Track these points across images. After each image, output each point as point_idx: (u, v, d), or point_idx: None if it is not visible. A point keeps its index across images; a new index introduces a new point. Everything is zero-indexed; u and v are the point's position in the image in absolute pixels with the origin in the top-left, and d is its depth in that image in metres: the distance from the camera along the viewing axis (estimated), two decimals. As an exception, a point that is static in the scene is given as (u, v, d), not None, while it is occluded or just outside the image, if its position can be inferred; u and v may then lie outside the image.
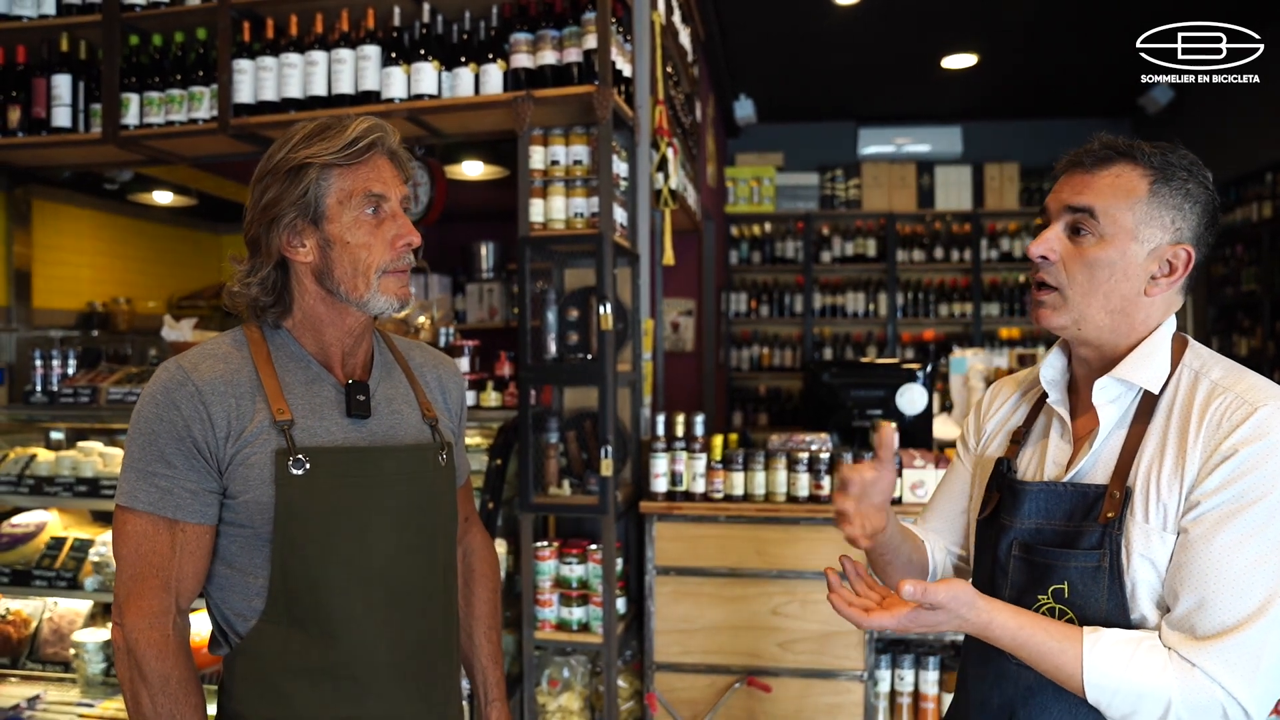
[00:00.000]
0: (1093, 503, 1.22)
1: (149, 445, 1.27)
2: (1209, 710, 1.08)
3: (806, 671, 2.86)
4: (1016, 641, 1.16)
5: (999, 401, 1.50)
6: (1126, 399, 1.26)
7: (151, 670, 1.24)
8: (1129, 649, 1.12)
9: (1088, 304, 1.25)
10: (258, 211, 1.34)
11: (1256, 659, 1.07)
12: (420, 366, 1.54)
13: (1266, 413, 1.13)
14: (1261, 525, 1.10)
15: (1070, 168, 1.29)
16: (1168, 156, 1.25)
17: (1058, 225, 1.27)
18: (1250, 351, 5.89)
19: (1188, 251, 1.24)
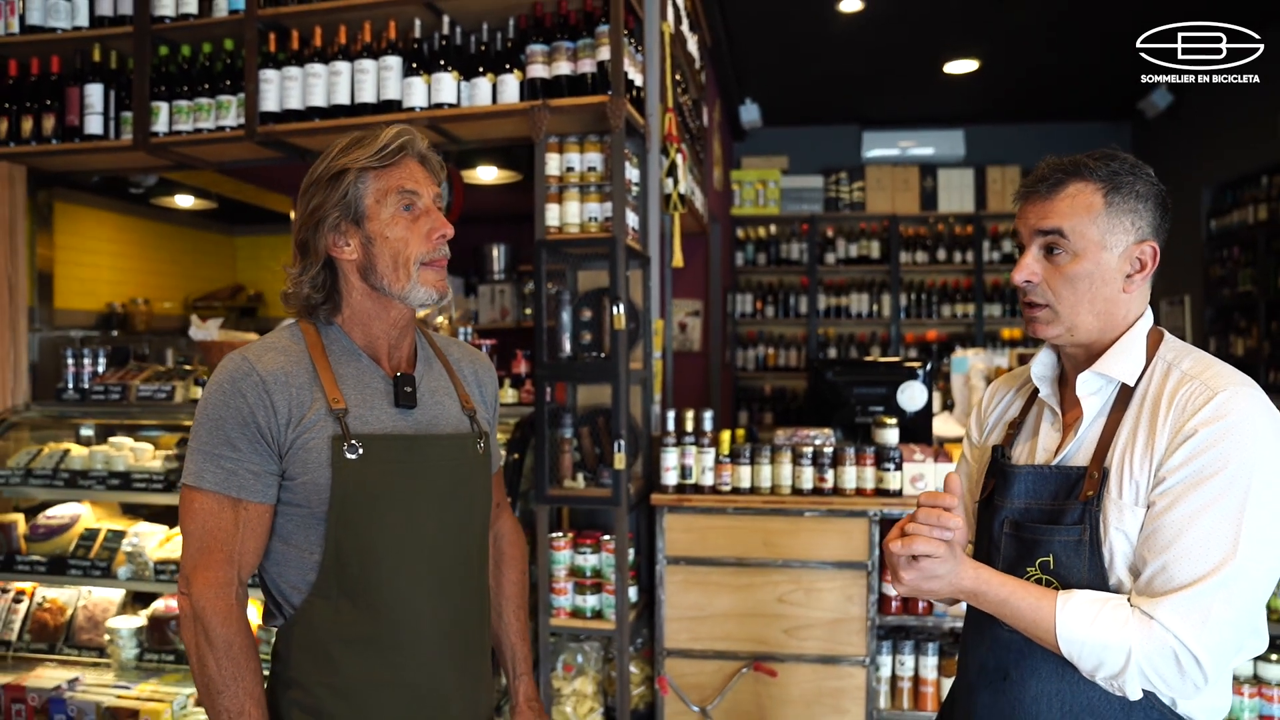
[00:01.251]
0: (1074, 483, 1.35)
1: (216, 430, 1.39)
2: (1164, 657, 1.20)
3: (811, 657, 2.98)
4: (1002, 603, 1.29)
5: (997, 398, 1.63)
6: (1108, 390, 1.38)
7: (217, 635, 1.36)
8: (1095, 608, 1.25)
9: (1076, 313, 1.37)
10: (305, 216, 1.47)
11: (1206, 610, 1.19)
12: (458, 361, 1.67)
13: (1225, 396, 1.25)
14: (1217, 497, 1.22)
15: (1028, 195, 1.41)
16: (1111, 165, 1.37)
17: (1033, 249, 1.39)
18: (1246, 351, 6.00)
19: (1152, 246, 1.37)
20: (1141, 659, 1.21)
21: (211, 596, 1.37)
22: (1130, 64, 6.19)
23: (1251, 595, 1.23)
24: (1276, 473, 1.22)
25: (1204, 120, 6.49)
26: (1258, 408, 1.25)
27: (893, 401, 3.35)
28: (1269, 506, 1.21)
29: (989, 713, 1.40)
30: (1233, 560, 1.20)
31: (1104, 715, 1.29)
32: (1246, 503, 1.21)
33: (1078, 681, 1.31)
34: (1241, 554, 1.20)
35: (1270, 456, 1.23)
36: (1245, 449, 1.22)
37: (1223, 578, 1.20)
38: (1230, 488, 1.21)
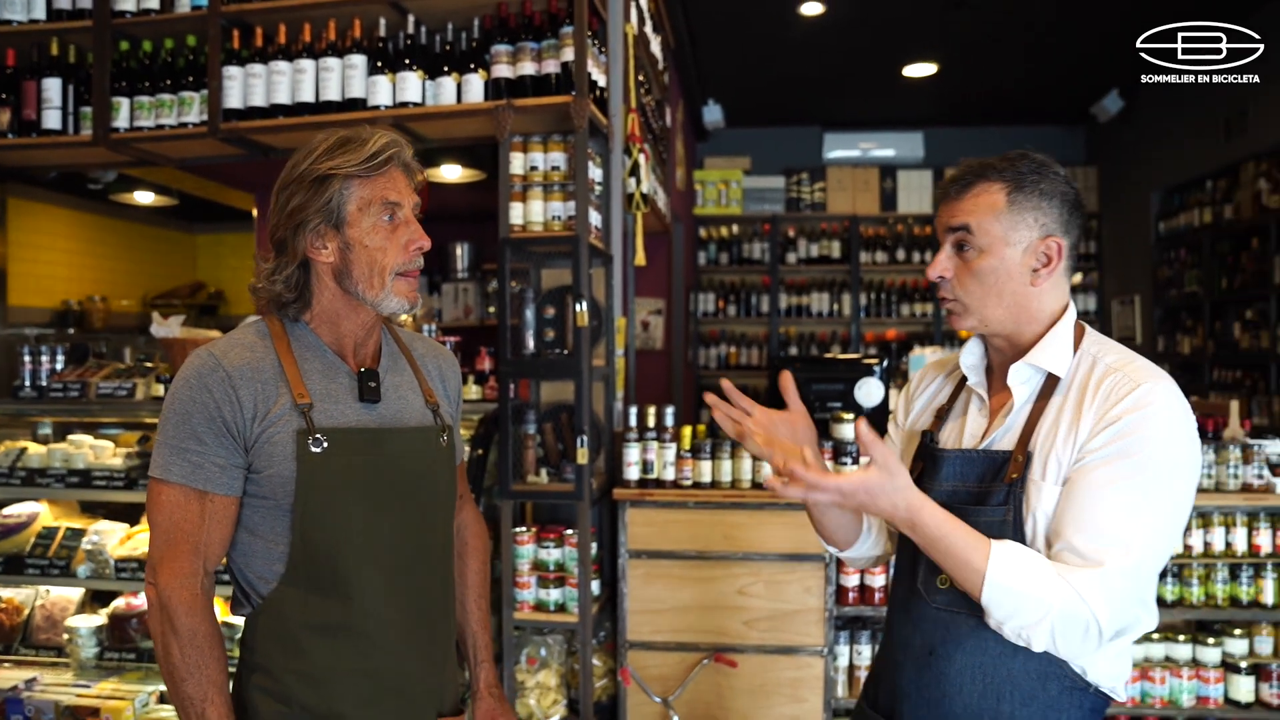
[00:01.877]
0: (1000, 466, 1.43)
1: (183, 424, 1.42)
2: (1076, 623, 1.28)
3: (770, 648, 3.05)
4: (938, 533, 1.31)
5: (925, 383, 1.70)
6: (1036, 380, 1.46)
7: (182, 624, 1.39)
8: (1025, 561, 1.31)
9: (984, 306, 1.45)
10: (284, 216, 1.49)
11: (1115, 587, 1.28)
12: (422, 356, 1.70)
13: (1147, 388, 1.34)
14: (1132, 480, 1.30)
15: (943, 196, 1.49)
16: (1017, 166, 1.44)
17: (946, 247, 1.48)
18: (1192, 350, 6.18)
19: (1058, 242, 1.44)
20: (1057, 619, 1.28)
21: (177, 586, 1.39)
22: (1084, 70, 6.38)
23: (1149, 575, 1.32)
24: (1183, 462, 1.33)
25: (1153, 126, 6.67)
26: (1174, 401, 1.34)
27: (851, 398, 3.43)
28: (1174, 492, 1.32)
29: (915, 688, 1.47)
30: (1140, 541, 1.29)
31: (1022, 686, 1.37)
32: (1156, 488, 1.30)
33: (999, 655, 1.38)
34: (1147, 535, 1.29)
35: (1180, 446, 1.33)
36: (1160, 438, 1.31)
37: (1132, 558, 1.29)
38: (1143, 472, 1.30)
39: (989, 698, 1.38)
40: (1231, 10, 4.74)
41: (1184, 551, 2.95)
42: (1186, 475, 1.34)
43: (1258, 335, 5.42)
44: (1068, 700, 1.37)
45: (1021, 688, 1.37)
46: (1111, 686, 1.40)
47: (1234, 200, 5.69)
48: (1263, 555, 2.92)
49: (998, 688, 1.38)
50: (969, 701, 1.40)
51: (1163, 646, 2.99)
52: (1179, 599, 2.95)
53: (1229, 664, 2.93)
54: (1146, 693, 2.93)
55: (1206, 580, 2.95)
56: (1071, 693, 1.37)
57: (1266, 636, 2.97)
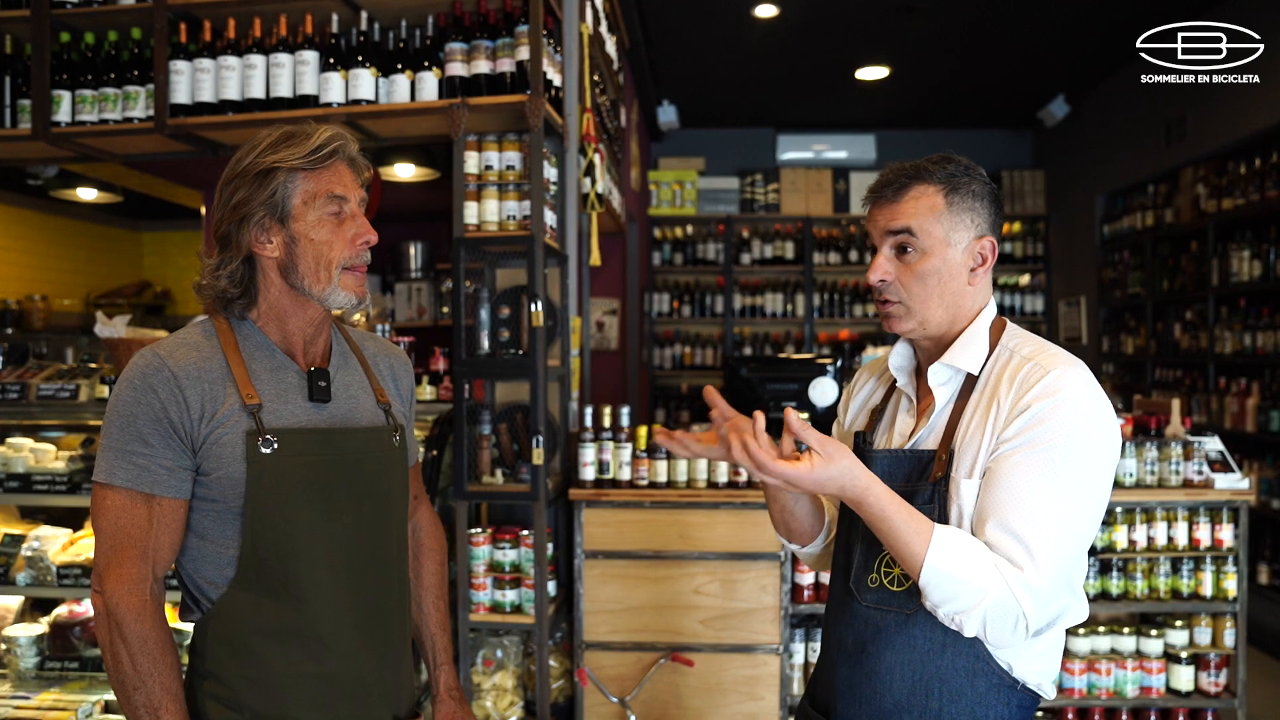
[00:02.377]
0: (925, 464, 1.45)
1: (127, 426, 1.38)
2: (1008, 615, 1.29)
3: (727, 646, 3.06)
4: (883, 513, 1.31)
5: (861, 383, 1.73)
6: (957, 379, 1.49)
7: (131, 632, 1.36)
8: (968, 546, 1.32)
9: (927, 308, 1.47)
10: (228, 210, 1.46)
11: (1045, 584, 1.29)
12: (374, 356, 1.68)
13: (1057, 374, 1.36)
14: (1045, 465, 1.32)
15: (876, 199, 1.51)
16: (948, 168, 1.47)
17: (885, 250, 1.48)
18: (1135, 349, 6.34)
19: (991, 241, 1.48)
20: (990, 608, 1.28)
21: (125, 593, 1.36)
22: (1031, 75, 6.51)
23: (1071, 562, 1.33)
24: (1096, 446, 1.34)
25: (1098, 130, 6.83)
26: (1086, 386, 1.36)
27: (804, 397, 3.47)
28: (1088, 477, 1.33)
29: (848, 685, 1.48)
30: (1058, 531, 1.30)
31: (950, 682, 1.39)
32: (1070, 474, 1.31)
33: (927, 652, 1.40)
34: (1065, 524, 1.31)
35: (1092, 430, 1.34)
36: (1071, 423, 1.32)
37: (1052, 549, 1.29)
38: (1056, 459, 1.31)
39: (918, 694, 1.40)
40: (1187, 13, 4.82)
41: (1129, 546, 3.03)
42: (1100, 459, 1.35)
43: (1196, 336, 5.58)
44: (995, 697, 1.39)
45: (950, 684, 1.39)
46: (1038, 684, 1.42)
47: (1174, 204, 5.84)
48: (1202, 549, 3.01)
49: (926, 684, 1.40)
50: (899, 698, 1.42)
51: (1108, 639, 3.06)
52: (1124, 592, 3.03)
53: (1170, 655, 3.02)
54: (1093, 684, 3.00)
55: (1150, 574, 3.03)
56: (999, 690, 1.39)
57: (1205, 627, 3.06)
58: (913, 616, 1.39)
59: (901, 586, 1.42)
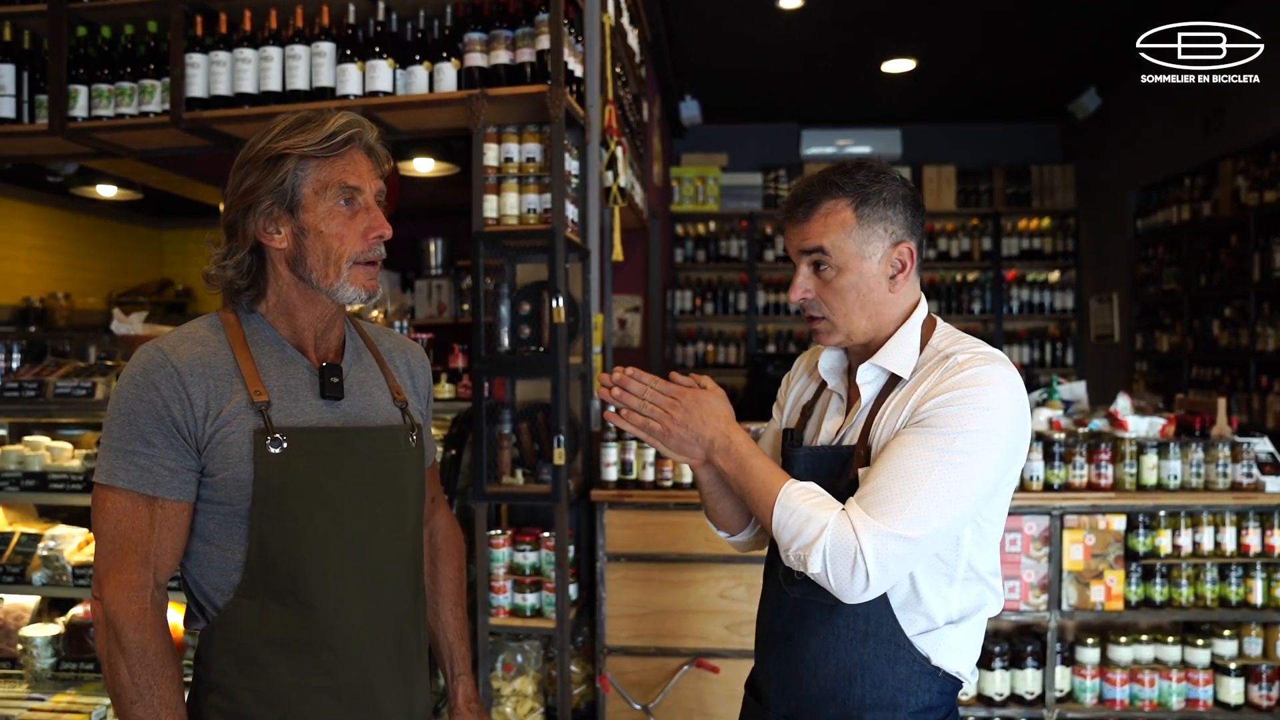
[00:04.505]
0: (845, 461, 1.45)
1: (129, 425, 1.31)
2: (846, 555, 1.29)
3: (753, 653, 2.97)
4: (743, 466, 1.40)
5: (797, 375, 1.72)
6: (882, 379, 1.47)
7: (130, 642, 1.29)
8: (816, 492, 1.36)
9: (850, 321, 1.46)
10: (236, 197, 1.39)
11: (892, 550, 1.28)
12: (390, 351, 1.61)
13: (979, 369, 1.36)
14: (932, 441, 1.32)
15: (789, 217, 1.48)
16: (856, 178, 1.44)
17: (803, 268, 1.47)
18: (1171, 347, 6.18)
19: (909, 246, 1.46)
20: (829, 543, 1.30)
21: (124, 600, 1.29)
22: (1062, 67, 6.37)
23: (929, 541, 1.31)
24: (1001, 441, 1.34)
25: (1131, 123, 6.67)
26: (1004, 381, 1.35)
27: (833, 396, 3.36)
28: (978, 462, 1.32)
29: (777, 670, 1.52)
30: (927, 500, 1.29)
31: (872, 669, 1.42)
32: (957, 454, 1.31)
33: (849, 641, 1.43)
34: (937, 496, 1.29)
35: (1002, 425, 1.34)
36: (972, 410, 1.32)
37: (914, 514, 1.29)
38: (945, 436, 1.32)
39: (842, 680, 1.44)
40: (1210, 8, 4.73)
41: (1173, 551, 2.91)
42: (994, 446, 1.33)
43: (1237, 333, 5.42)
44: (917, 683, 1.42)
45: (872, 670, 1.42)
46: (958, 670, 1.44)
47: (1212, 197, 5.69)
48: (1252, 555, 2.88)
49: (849, 671, 1.43)
50: (824, 684, 1.45)
51: (1151, 648, 2.94)
52: (1167, 600, 2.91)
53: (1218, 665, 2.89)
54: (1135, 695, 2.88)
55: (1195, 581, 2.90)
56: (920, 676, 1.42)
57: (1256, 638, 2.93)
58: (836, 606, 1.41)
59: None
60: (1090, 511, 2.93)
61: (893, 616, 1.41)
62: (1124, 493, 2.93)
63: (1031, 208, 7.36)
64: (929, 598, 1.41)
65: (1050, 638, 2.92)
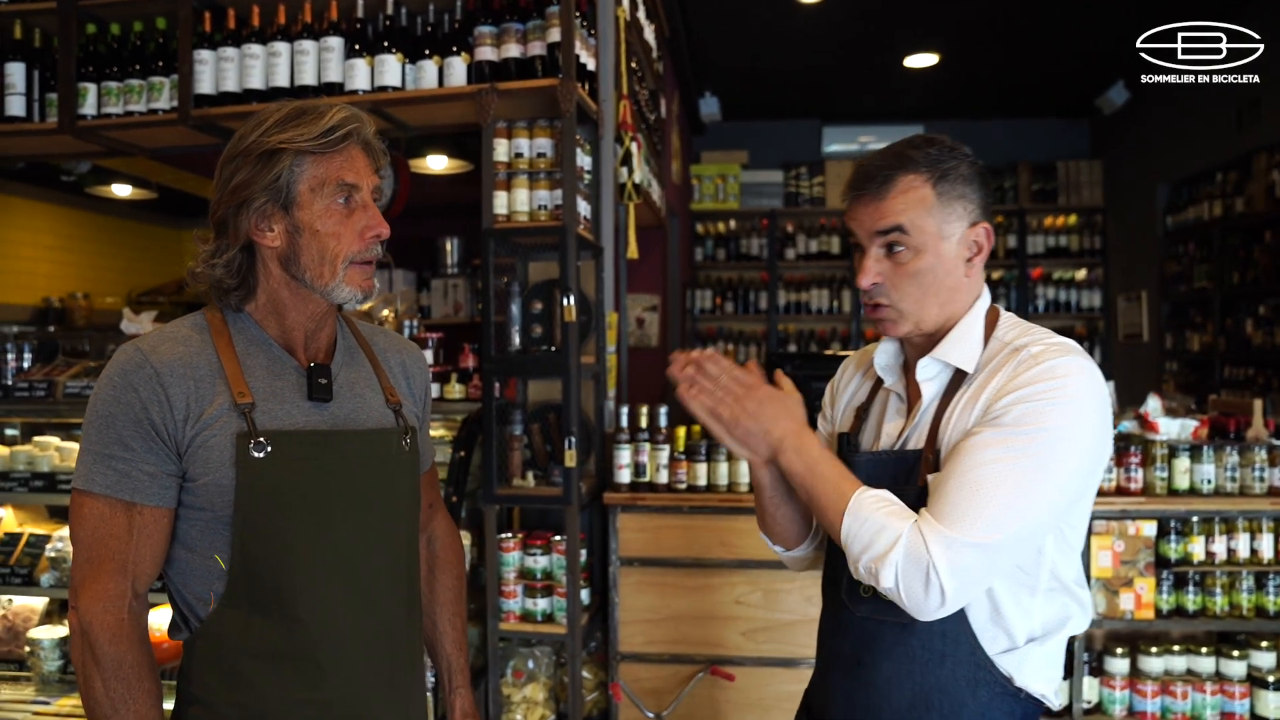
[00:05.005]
0: (911, 467, 1.34)
1: (106, 428, 1.26)
2: (918, 568, 1.20)
3: (769, 660, 2.89)
4: (813, 469, 1.30)
5: (845, 379, 1.60)
6: (945, 374, 1.37)
7: (105, 654, 1.23)
8: (889, 500, 1.26)
9: (922, 308, 1.35)
10: (227, 193, 1.33)
11: (967, 561, 1.19)
12: (384, 351, 1.54)
13: (1053, 362, 1.25)
14: (1016, 445, 1.21)
15: (859, 194, 1.37)
16: (932, 152, 1.34)
17: (873, 250, 1.35)
18: (1202, 347, 6.03)
19: (986, 228, 1.36)
20: (901, 555, 1.21)
21: (99, 611, 1.24)
22: (1087, 60, 6.23)
23: (1012, 551, 1.23)
24: (1075, 435, 1.23)
25: (1160, 117, 6.52)
26: (1083, 373, 1.25)
27: (852, 397, 3.27)
28: (1061, 465, 1.22)
29: (844, 696, 1.41)
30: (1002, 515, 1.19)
31: (951, 693, 1.31)
32: (1038, 456, 1.21)
33: (925, 663, 1.32)
34: (1017, 503, 1.20)
35: (1084, 421, 1.23)
36: (1063, 411, 1.22)
37: (992, 522, 1.19)
38: (1025, 437, 1.21)
39: (918, 707, 1.33)
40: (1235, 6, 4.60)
41: (1207, 558, 2.80)
42: (1077, 447, 1.23)
43: (1271, 331, 5.27)
44: (998, 707, 1.32)
45: (950, 695, 1.31)
46: (1042, 692, 1.34)
47: (1245, 192, 5.53)
48: (1290, 562, 2.77)
49: (926, 696, 1.32)
50: (898, 710, 1.34)
51: (1184, 659, 2.83)
52: (1201, 609, 2.79)
53: (1255, 678, 2.78)
54: (1167, 708, 2.77)
55: (1230, 589, 2.79)
56: (1002, 699, 1.32)
57: (1293, 648, 2.81)
58: (909, 626, 1.31)
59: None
60: (1119, 517, 2.82)
61: (972, 635, 1.30)
62: (1155, 497, 2.82)
63: (1058, 204, 7.21)
64: (1010, 612, 1.30)
65: (1078, 647, 2.82)
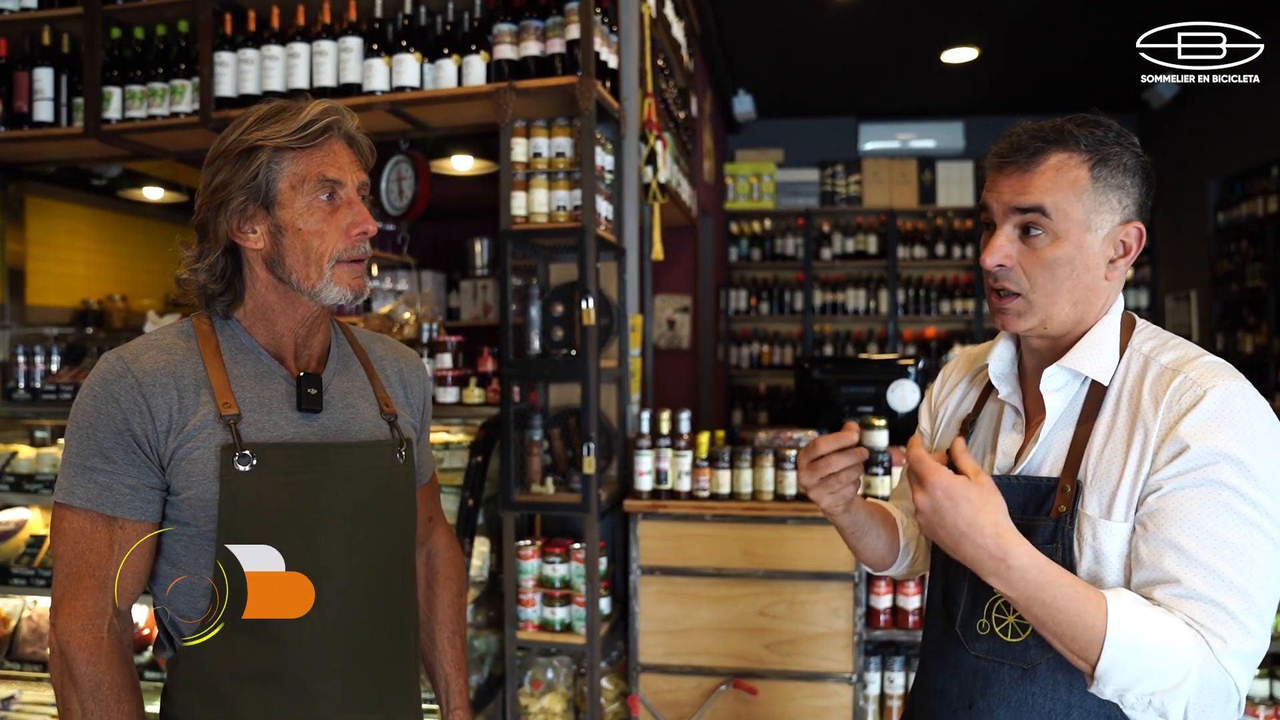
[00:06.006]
0: (1045, 496, 1.20)
1: (87, 439, 1.22)
2: (1219, 694, 1.06)
3: (794, 674, 2.81)
4: (1031, 581, 1.05)
5: (948, 387, 1.47)
6: (1074, 387, 1.23)
7: (82, 674, 1.20)
8: (1151, 609, 1.06)
9: (1053, 303, 1.21)
10: (207, 194, 1.30)
11: (1251, 649, 1.07)
12: (381, 359, 1.49)
13: (1216, 396, 1.10)
14: (1237, 505, 1.07)
15: (1003, 164, 1.22)
16: (1096, 132, 1.19)
17: (1006, 228, 1.21)
18: (1256, 348, 5.81)
19: (1139, 228, 1.21)
20: (1195, 683, 1.04)
21: (78, 629, 1.20)
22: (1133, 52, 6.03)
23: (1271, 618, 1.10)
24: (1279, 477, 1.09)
25: (1211, 111, 6.30)
26: (1252, 407, 1.11)
27: (883, 401, 3.18)
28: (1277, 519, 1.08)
29: None
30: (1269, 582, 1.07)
31: None
32: (1267, 512, 1.07)
33: (1048, 713, 1.18)
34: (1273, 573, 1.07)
35: (1272, 461, 1.09)
36: (1255, 453, 1.08)
37: (1264, 607, 1.07)
38: (1250, 496, 1.07)
39: None
40: None
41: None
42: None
43: (1327, 333, 5.06)
44: None
45: None
46: None
47: (1302, 188, 5.32)
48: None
49: None
50: None
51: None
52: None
53: (1308, 700, 2.64)
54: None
55: (1281, 606, 2.65)
56: None
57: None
58: (1030, 671, 1.18)
59: (1018, 637, 1.20)
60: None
61: None
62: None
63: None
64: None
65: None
